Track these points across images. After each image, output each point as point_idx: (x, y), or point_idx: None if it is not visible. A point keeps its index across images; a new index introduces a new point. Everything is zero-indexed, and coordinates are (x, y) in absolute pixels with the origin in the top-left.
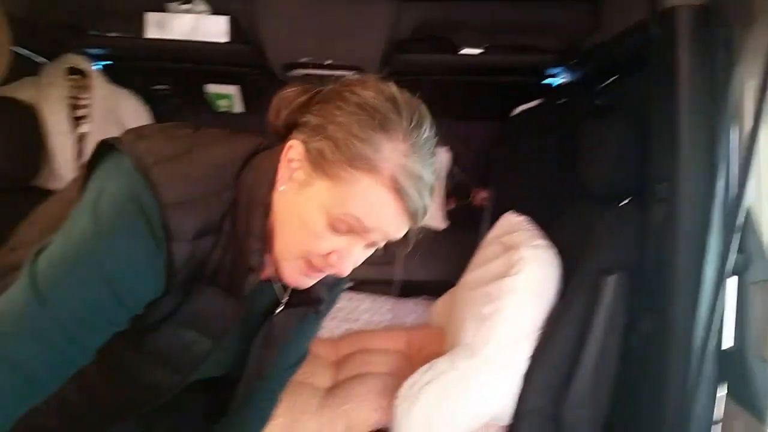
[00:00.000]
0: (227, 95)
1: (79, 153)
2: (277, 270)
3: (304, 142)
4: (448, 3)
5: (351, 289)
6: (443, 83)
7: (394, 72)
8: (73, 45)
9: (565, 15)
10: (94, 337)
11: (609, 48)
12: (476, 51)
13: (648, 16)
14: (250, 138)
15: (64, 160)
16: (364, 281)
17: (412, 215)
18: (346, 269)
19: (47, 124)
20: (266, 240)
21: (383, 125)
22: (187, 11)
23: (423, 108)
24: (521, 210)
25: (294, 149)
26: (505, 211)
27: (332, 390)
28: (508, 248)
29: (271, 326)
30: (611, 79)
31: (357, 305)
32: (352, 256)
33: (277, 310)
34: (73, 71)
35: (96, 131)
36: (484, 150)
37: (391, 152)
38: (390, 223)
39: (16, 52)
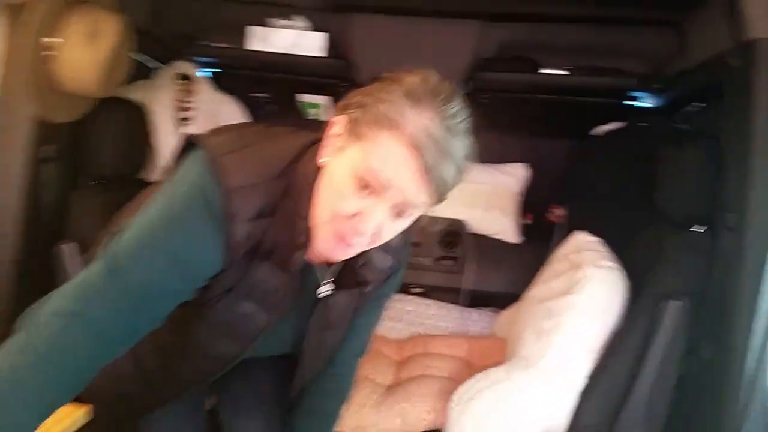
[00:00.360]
0: (317, 104)
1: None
2: (315, 248)
3: (345, 116)
4: (532, 24)
5: (420, 294)
6: (524, 101)
7: (477, 89)
8: (183, 53)
9: (650, 39)
10: (159, 305)
11: (691, 75)
12: (558, 71)
13: (730, 45)
14: (309, 133)
15: (166, 156)
16: (434, 288)
17: (430, 177)
18: (368, 230)
19: (155, 123)
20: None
21: (410, 93)
22: (288, 27)
23: (457, 91)
24: (594, 229)
25: (337, 124)
26: (579, 230)
27: (392, 387)
28: (574, 266)
29: (326, 308)
30: (693, 106)
31: (424, 310)
32: (375, 218)
33: (326, 291)
34: (182, 77)
35: (198, 132)
36: (561, 167)
37: (414, 115)
38: (408, 181)
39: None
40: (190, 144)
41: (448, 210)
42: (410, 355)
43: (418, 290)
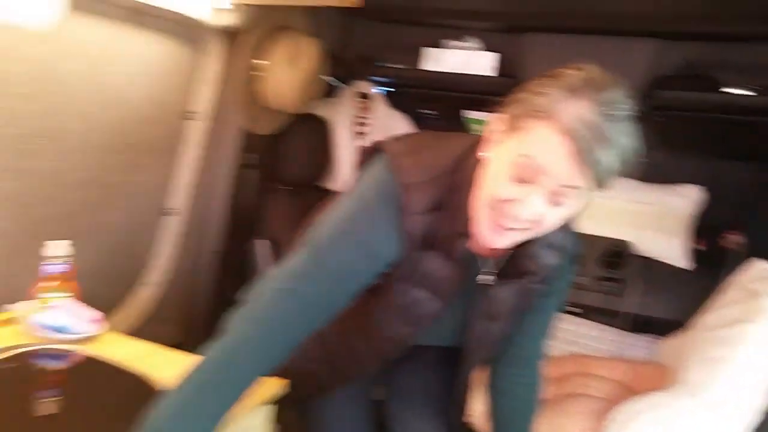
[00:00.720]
0: (481, 121)
1: (356, 162)
2: (476, 238)
3: (504, 113)
4: (713, 43)
5: (577, 314)
6: (702, 121)
7: (653, 107)
8: (362, 73)
9: None
10: (351, 285)
11: None
12: (742, 91)
13: None
14: (474, 136)
15: (344, 167)
16: (592, 308)
17: (584, 161)
18: (523, 215)
19: (336, 137)
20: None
21: (565, 86)
22: (460, 47)
23: (618, 82)
24: None
25: (495, 121)
26: (759, 258)
27: (549, 402)
28: (752, 295)
29: (488, 299)
30: None
31: (582, 331)
32: (531, 205)
33: (487, 279)
34: (360, 95)
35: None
36: (740, 191)
37: (569, 105)
38: (561, 166)
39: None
40: (375, 149)
41: (613, 229)
42: (568, 373)
43: (575, 309)
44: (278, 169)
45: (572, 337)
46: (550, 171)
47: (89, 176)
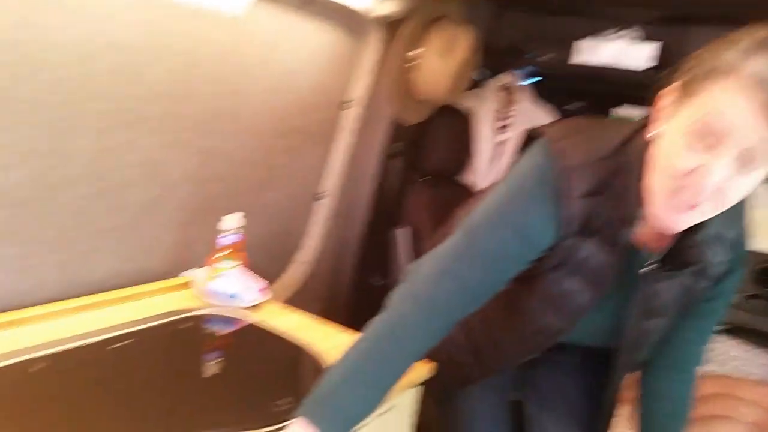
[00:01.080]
0: (630, 119)
1: (495, 157)
2: (650, 222)
3: (675, 84)
4: None
5: (726, 333)
6: None
7: None
8: (510, 65)
9: None
10: (506, 268)
11: None
12: None
13: None
14: (638, 121)
15: (483, 161)
16: (740, 327)
17: None
18: (707, 185)
19: (477, 130)
20: (641, 195)
21: (742, 45)
22: (616, 38)
23: None
24: None
25: (664, 96)
26: None
27: (693, 422)
28: None
29: (649, 294)
30: None
31: (727, 350)
32: (716, 172)
33: (650, 268)
34: (504, 87)
35: (513, 140)
36: None
37: (751, 62)
38: (750, 123)
39: None
40: (532, 135)
41: None
42: (712, 393)
43: (721, 327)
44: (420, 160)
45: (716, 356)
46: (738, 129)
47: (256, 157)
